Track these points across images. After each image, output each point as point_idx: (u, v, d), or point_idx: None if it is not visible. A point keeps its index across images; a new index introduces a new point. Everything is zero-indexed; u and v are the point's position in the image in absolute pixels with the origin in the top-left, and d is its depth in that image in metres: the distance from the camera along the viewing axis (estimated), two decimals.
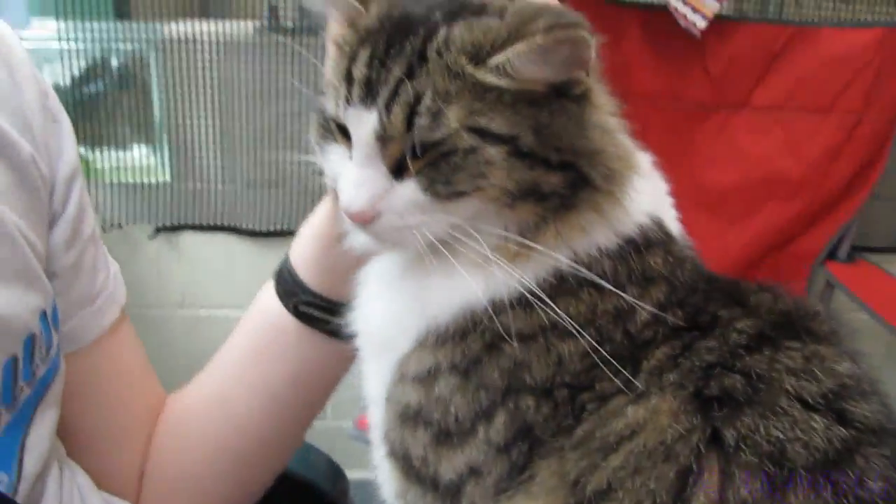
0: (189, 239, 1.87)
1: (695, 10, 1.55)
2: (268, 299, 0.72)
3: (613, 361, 0.50)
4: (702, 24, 1.56)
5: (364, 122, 0.49)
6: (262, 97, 1.66)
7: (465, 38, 0.48)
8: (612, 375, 0.50)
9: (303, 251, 0.71)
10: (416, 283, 0.55)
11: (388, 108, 0.48)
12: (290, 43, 1.61)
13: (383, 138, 0.49)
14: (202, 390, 0.77)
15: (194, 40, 1.65)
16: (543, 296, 0.50)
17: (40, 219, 0.66)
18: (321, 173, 0.57)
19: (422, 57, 0.49)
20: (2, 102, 0.63)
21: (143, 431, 0.77)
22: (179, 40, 1.65)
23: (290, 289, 0.70)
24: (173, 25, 1.64)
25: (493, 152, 0.48)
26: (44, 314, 0.63)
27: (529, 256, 0.51)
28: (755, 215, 1.76)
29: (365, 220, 0.50)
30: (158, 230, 1.84)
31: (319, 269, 0.69)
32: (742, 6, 1.75)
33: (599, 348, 0.49)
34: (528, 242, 0.50)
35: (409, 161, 0.49)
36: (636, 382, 0.49)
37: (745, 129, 1.72)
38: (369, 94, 0.49)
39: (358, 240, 0.55)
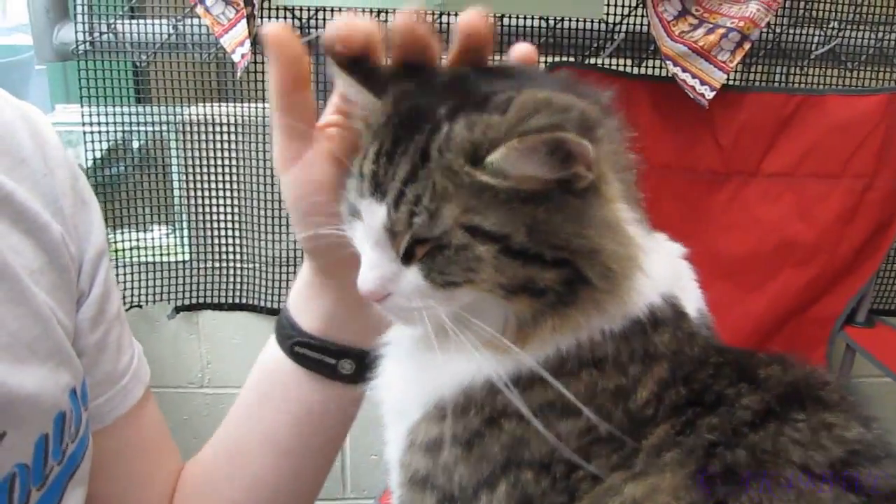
0: (208, 318, 1.88)
1: (703, 81, 1.58)
2: (269, 348, 0.74)
3: (617, 434, 0.50)
4: (710, 94, 1.58)
5: (375, 214, 0.52)
6: (278, 177, 1.68)
7: (464, 136, 0.49)
8: (610, 453, 0.50)
9: (296, 297, 0.72)
10: (424, 357, 0.57)
11: (395, 205, 0.51)
12: None
13: (391, 231, 0.52)
14: (214, 449, 0.78)
15: (212, 122, 1.68)
16: (547, 375, 0.51)
17: (69, 297, 0.67)
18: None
19: (424, 156, 0.50)
20: (35, 185, 0.65)
21: (163, 502, 0.78)
22: (198, 123, 1.68)
23: (287, 331, 0.72)
24: (192, 109, 1.68)
25: (483, 250, 0.50)
26: (73, 392, 0.64)
27: (526, 342, 0.52)
28: (771, 282, 1.76)
29: (375, 300, 0.53)
30: (178, 309, 1.85)
31: (312, 313, 0.71)
32: (749, 76, 1.78)
33: (599, 425, 0.50)
34: (511, 344, 0.52)
35: (416, 249, 0.52)
36: (635, 460, 0.49)
37: (757, 197, 1.73)
38: (378, 190, 0.52)
39: (382, 314, 0.57)
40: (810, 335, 1.82)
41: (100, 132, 1.63)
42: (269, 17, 1.56)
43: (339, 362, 0.71)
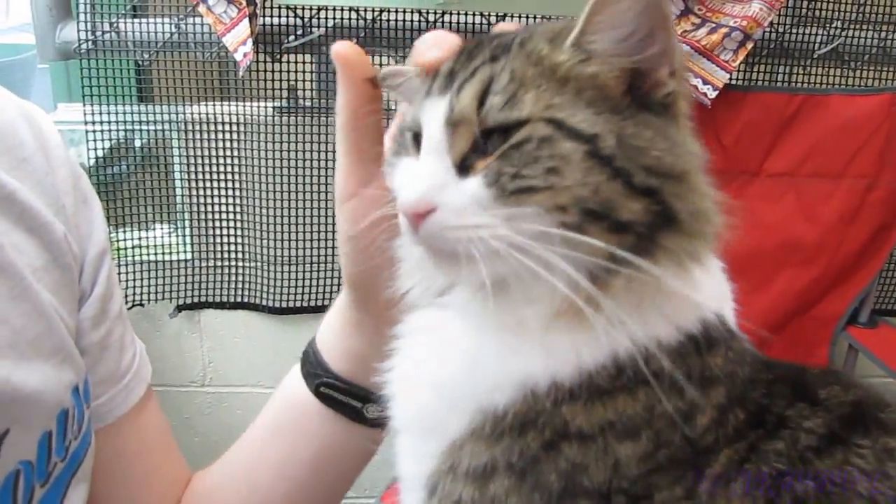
0: (210, 317, 1.88)
1: (705, 80, 1.58)
2: (293, 379, 0.72)
3: (677, 465, 0.45)
4: (712, 94, 1.58)
5: (436, 109, 0.46)
6: (281, 176, 1.68)
7: (548, 27, 0.47)
8: (671, 483, 0.45)
9: (327, 332, 0.70)
10: (468, 347, 0.49)
11: (460, 89, 0.45)
12: (309, 122, 1.64)
13: (451, 122, 0.45)
14: (227, 468, 0.77)
15: (214, 121, 1.68)
16: (664, 358, 0.44)
17: (71, 296, 0.67)
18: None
19: (504, 50, 0.47)
20: (38, 184, 0.65)
21: None
22: (200, 122, 1.69)
23: (314, 370, 0.69)
24: (194, 107, 1.68)
25: (570, 147, 0.43)
26: (76, 389, 0.64)
27: (591, 325, 0.44)
28: (774, 282, 1.76)
29: (418, 214, 0.44)
30: (179, 308, 1.85)
31: (342, 353, 0.69)
32: (751, 76, 1.77)
33: (656, 452, 0.45)
34: (596, 293, 0.43)
35: (475, 160, 0.45)
36: (698, 490, 0.45)
37: (759, 197, 1.73)
38: (448, 83, 0.47)
39: (411, 253, 0.51)
40: (812, 335, 1.82)
41: (102, 131, 1.64)
42: (271, 16, 1.56)
43: (364, 406, 0.68)
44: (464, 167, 0.45)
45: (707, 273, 0.49)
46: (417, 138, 0.48)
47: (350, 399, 0.68)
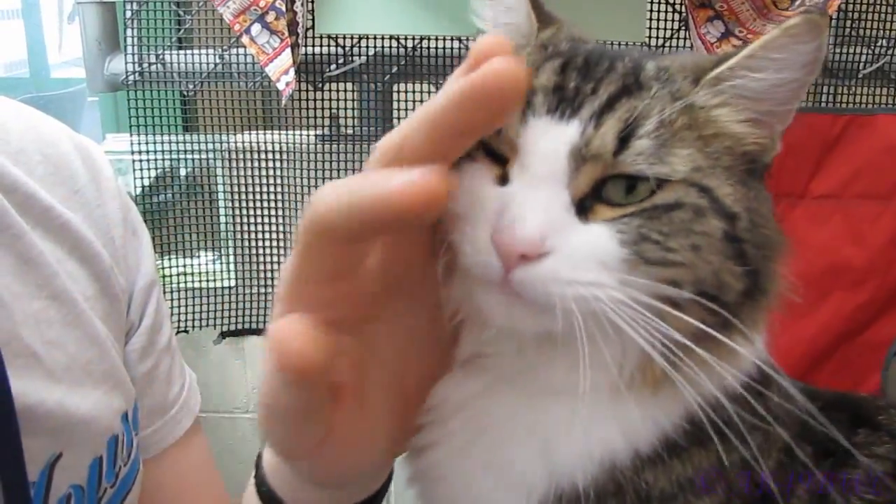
0: (253, 343, 1.89)
1: None
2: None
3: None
4: None
5: (552, 135, 0.39)
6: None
7: (686, 61, 0.42)
8: None
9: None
10: (532, 424, 0.44)
11: (597, 119, 0.39)
12: (350, 150, 1.65)
13: (581, 156, 0.39)
14: None
15: (258, 150, 1.70)
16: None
17: (119, 328, 0.68)
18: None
19: (636, 81, 0.41)
20: (89, 216, 0.67)
21: None
22: (244, 150, 1.71)
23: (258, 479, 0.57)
24: (238, 136, 1.71)
25: (716, 226, 0.39)
26: (125, 416, 0.65)
27: (663, 390, 0.42)
28: (822, 306, 1.72)
29: (527, 255, 0.37)
30: (223, 335, 1.87)
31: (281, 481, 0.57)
32: None
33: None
34: (677, 363, 0.40)
35: (596, 205, 0.39)
36: None
37: (805, 220, 1.70)
38: (563, 104, 0.40)
39: (486, 304, 0.41)
40: (863, 361, 1.78)
41: (148, 160, 1.67)
42: (313, 46, 1.58)
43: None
44: (581, 209, 0.39)
45: None
46: (488, 148, 0.41)
47: None
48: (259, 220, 1.76)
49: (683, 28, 1.66)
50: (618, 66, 0.42)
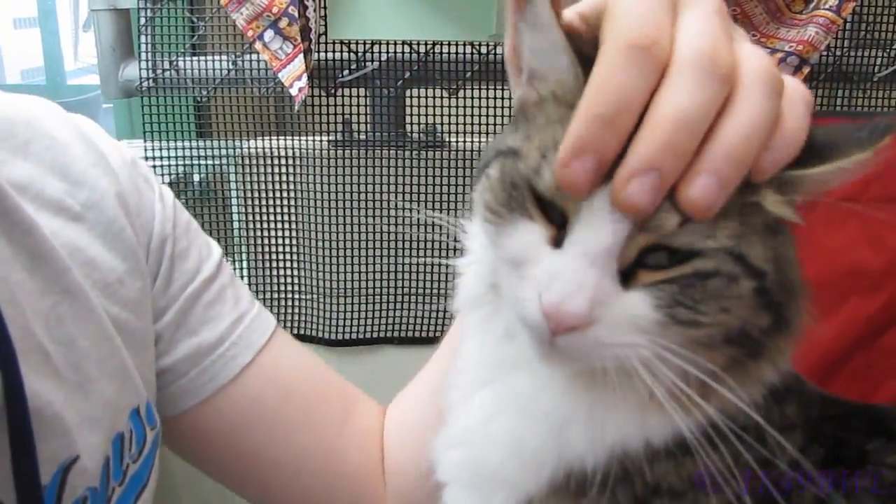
0: None
1: None
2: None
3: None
4: None
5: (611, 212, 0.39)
6: (336, 208, 1.70)
7: None
8: None
9: None
10: (554, 410, 0.46)
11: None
12: (363, 155, 1.65)
13: (639, 229, 0.39)
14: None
15: (271, 156, 1.71)
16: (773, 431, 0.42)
17: (146, 299, 0.69)
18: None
19: None
20: (106, 183, 0.68)
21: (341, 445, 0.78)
22: (257, 156, 1.71)
23: None
24: (251, 142, 1.71)
25: (747, 286, 0.40)
26: (136, 411, 0.65)
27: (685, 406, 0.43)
28: (839, 310, 1.71)
29: (572, 327, 0.39)
30: None
31: None
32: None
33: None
34: (695, 397, 0.42)
35: (636, 269, 0.40)
36: None
37: (821, 223, 1.68)
38: None
39: (530, 344, 0.44)
40: (882, 366, 1.76)
41: (162, 166, 1.67)
42: (326, 51, 1.58)
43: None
44: (624, 275, 0.40)
45: None
46: (541, 200, 0.41)
47: None
48: (272, 225, 1.77)
49: None
50: None
